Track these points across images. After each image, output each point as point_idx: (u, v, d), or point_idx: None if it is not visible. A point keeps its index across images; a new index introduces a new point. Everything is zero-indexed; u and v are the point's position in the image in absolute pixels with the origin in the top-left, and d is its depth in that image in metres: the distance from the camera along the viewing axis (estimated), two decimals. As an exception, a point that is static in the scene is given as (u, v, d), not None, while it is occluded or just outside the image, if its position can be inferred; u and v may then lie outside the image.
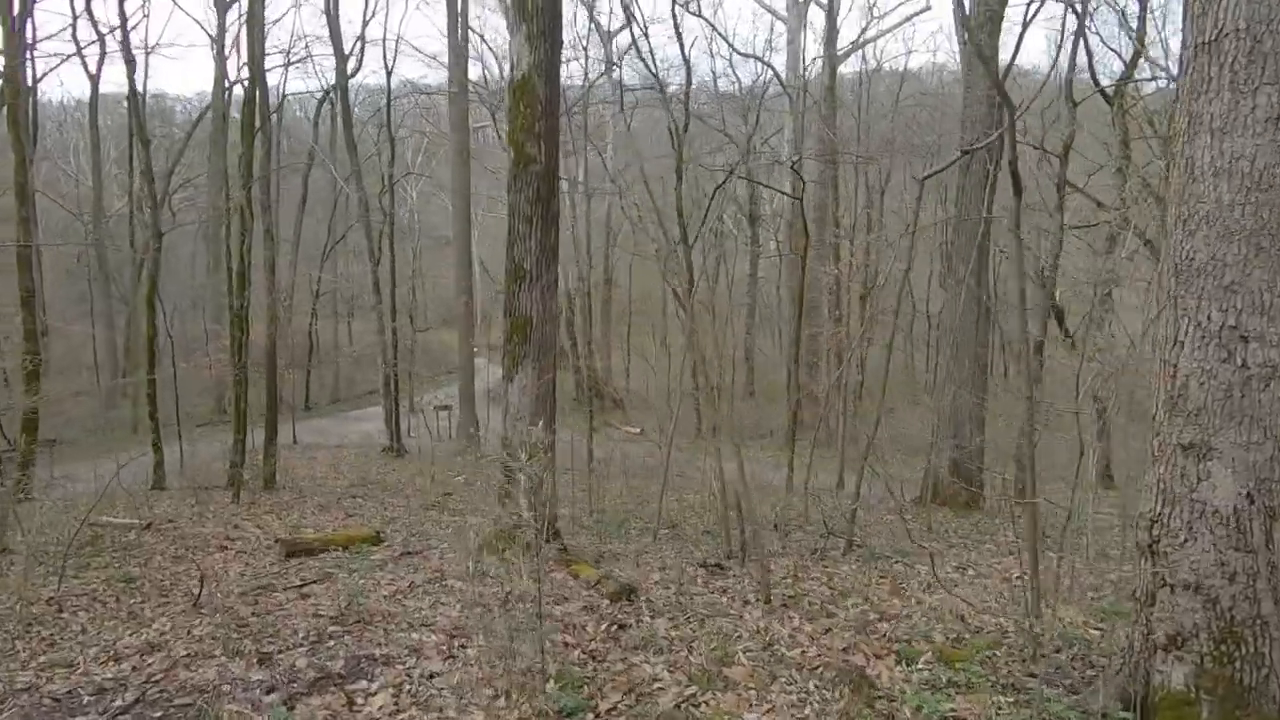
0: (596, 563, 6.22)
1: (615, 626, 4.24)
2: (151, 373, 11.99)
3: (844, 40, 23.46)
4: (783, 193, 14.04)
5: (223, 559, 7.30)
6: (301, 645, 4.12)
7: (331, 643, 4.13)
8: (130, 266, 20.89)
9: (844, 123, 19.33)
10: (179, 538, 8.06)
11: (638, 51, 16.26)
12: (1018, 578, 6.18)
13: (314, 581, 6.02)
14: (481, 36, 30.30)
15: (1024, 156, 15.02)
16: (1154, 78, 17.49)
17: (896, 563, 6.46)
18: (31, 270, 10.72)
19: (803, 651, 3.74)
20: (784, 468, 12.93)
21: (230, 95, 22.52)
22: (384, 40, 36.48)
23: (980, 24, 9.61)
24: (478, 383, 19.09)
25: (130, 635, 4.46)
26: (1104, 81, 14.86)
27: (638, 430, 21.13)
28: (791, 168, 11.83)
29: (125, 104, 35.80)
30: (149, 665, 3.79)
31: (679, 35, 16.86)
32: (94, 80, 23.19)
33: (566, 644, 4.04)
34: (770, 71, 23.16)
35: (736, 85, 25.07)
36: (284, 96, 23.06)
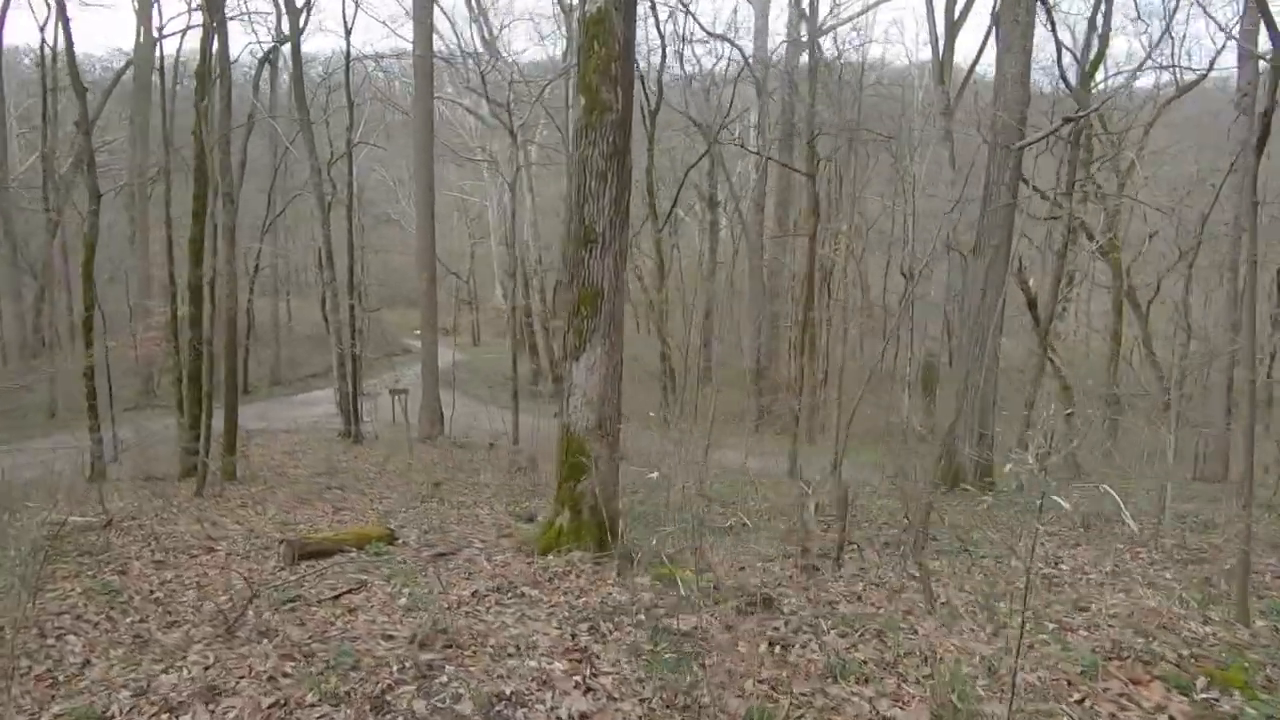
0: (668, 563, 5.56)
1: (778, 647, 3.59)
2: (90, 351, 10.56)
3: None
4: (794, 169, 13.56)
5: (214, 562, 6.29)
6: (405, 681, 3.29)
7: (443, 677, 3.32)
8: (43, 232, 18.75)
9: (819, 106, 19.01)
10: (150, 538, 6.97)
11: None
12: (1110, 571, 5.86)
13: (348, 591, 5.13)
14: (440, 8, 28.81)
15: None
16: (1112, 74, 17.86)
17: (983, 556, 6.03)
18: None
19: (1040, 678, 3.17)
20: (763, 455, 12.47)
21: (161, 46, 20.43)
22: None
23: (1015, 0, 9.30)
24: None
25: (164, 672, 3.53)
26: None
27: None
28: (809, 144, 11.37)
29: (26, 59, 32.43)
30: (231, 720, 2.91)
31: (654, 8, 16.08)
32: (-4, 25, 20.79)
33: (730, 672, 3.36)
34: (737, 53, 22.75)
35: (698, 66, 24.56)
36: (239, 53, 21.12)
